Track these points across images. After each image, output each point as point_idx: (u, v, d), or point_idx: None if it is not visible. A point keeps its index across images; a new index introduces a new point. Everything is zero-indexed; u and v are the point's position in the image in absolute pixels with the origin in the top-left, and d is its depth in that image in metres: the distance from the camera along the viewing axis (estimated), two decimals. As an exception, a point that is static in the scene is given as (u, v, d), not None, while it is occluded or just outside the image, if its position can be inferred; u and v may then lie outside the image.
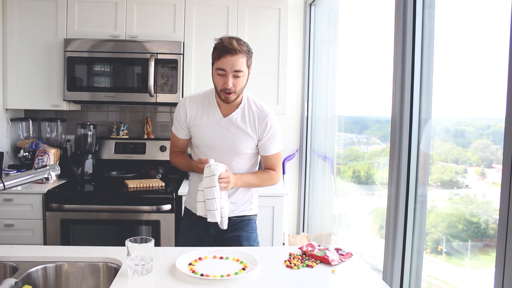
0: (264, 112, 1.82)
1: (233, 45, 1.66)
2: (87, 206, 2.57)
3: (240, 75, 1.70)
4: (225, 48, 1.67)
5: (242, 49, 1.68)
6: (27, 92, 2.91)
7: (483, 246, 1.70)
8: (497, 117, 1.55)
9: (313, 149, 3.44)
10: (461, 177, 1.83)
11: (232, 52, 1.66)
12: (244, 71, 1.72)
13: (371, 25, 2.73)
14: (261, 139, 1.82)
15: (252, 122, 1.80)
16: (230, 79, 1.68)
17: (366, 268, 1.47)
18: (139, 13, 2.91)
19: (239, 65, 1.68)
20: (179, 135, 1.89)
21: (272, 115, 1.84)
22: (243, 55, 1.69)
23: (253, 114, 1.81)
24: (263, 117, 1.81)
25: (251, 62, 1.76)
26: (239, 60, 1.68)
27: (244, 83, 1.75)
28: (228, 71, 1.68)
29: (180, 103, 1.87)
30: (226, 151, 1.79)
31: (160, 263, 1.41)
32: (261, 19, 2.97)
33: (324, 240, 3.20)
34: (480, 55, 1.68)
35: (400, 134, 1.86)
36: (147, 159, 3.09)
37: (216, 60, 1.71)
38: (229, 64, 1.67)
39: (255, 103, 1.84)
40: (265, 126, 1.80)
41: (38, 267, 1.42)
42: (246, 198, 1.89)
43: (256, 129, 1.80)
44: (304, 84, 3.42)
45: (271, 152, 1.85)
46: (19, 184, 1.38)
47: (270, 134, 1.82)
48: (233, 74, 1.68)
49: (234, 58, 1.66)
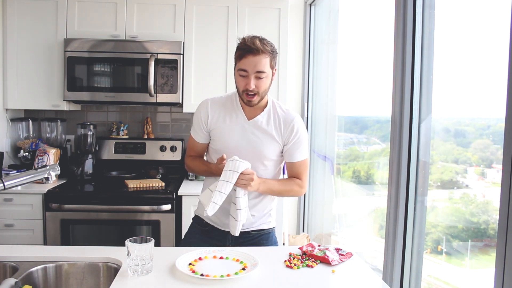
0: (290, 116, 1.74)
1: (255, 45, 1.59)
2: (87, 206, 2.57)
3: (263, 76, 1.62)
4: (247, 48, 1.59)
5: (265, 49, 1.60)
6: (27, 92, 2.91)
7: (483, 246, 1.70)
8: (497, 117, 1.55)
9: (313, 149, 3.44)
10: (461, 177, 1.83)
11: (254, 52, 1.58)
12: (268, 72, 1.63)
13: (371, 25, 2.73)
14: (287, 143, 1.73)
15: (278, 125, 1.72)
16: (252, 80, 1.60)
17: (366, 268, 1.47)
18: (139, 13, 2.91)
19: (262, 65, 1.60)
20: (198, 138, 1.80)
21: (299, 119, 1.76)
22: (266, 55, 1.61)
23: (279, 118, 1.73)
24: (289, 121, 1.73)
25: (275, 62, 1.67)
26: (262, 61, 1.60)
27: (267, 84, 1.67)
28: (250, 72, 1.60)
29: (201, 104, 1.78)
30: (250, 156, 1.68)
31: (160, 263, 1.41)
32: (261, 19, 2.97)
33: (324, 240, 3.20)
34: (480, 55, 1.68)
35: (400, 134, 1.86)
36: (147, 159, 3.09)
37: (238, 61, 1.63)
38: (251, 64, 1.59)
39: (281, 107, 1.77)
40: (292, 129, 1.72)
41: (38, 267, 1.42)
42: (266, 211, 1.81)
43: (282, 133, 1.72)
44: (304, 84, 3.42)
45: (297, 159, 1.75)
46: (19, 184, 1.38)
47: (297, 138, 1.73)
48: (255, 75, 1.61)
49: (256, 58, 1.59)
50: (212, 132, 1.76)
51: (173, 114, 3.32)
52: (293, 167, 1.77)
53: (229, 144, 1.71)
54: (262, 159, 1.71)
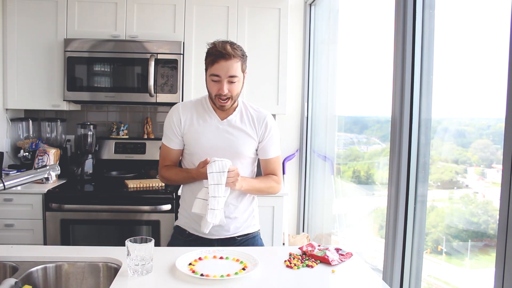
0: (262, 114, 1.79)
1: (226, 50, 1.60)
2: (87, 206, 2.57)
3: (235, 80, 1.64)
4: (218, 53, 1.61)
5: (237, 54, 1.62)
6: (27, 92, 2.91)
7: (483, 246, 1.70)
8: (497, 117, 1.55)
9: (313, 149, 3.44)
10: (461, 177, 1.83)
11: (226, 57, 1.60)
12: (239, 76, 1.66)
13: (371, 25, 2.73)
14: (262, 140, 1.77)
15: (252, 122, 1.76)
16: (225, 85, 1.63)
17: (366, 268, 1.47)
18: (139, 13, 2.91)
19: (234, 70, 1.62)
20: (172, 145, 1.78)
21: (270, 116, 1.81)
22: (237, 59, 1.63)
23: (251, 115, 1.77)
24: (262, 118, 1.77)
25: (246, 66, 1.70)
26: (234, 65, 1.62)
27: (239, 88, 1.70)
28: (223, 76, 1.62)
29: (171, 110, 1.79)
30: (227, 155, 1.68)
31: (160, 263, 1.41)
32: (261, 19, 2.97)
33: (324, 240, 3.20)
34: (480, 55, 1.68)
35: (400, 134, 1.86)
36: (147, 159, 3.09)
37: (210, 66, 1.65)
38: (224, 69, 1.61)
39: (251, 106, 1.81)
40: (265, 126, 1.77)
41: (38, 267, 1.42)
42: (248, 213, 1.80)
43: (256, 129, 1.76)
44: (304, 84, 3.42)
45: (272, 155, 1.80)
46: (19, 184, 1.38)
47: (271, 135, 1.78)
48: (228, 80, 1.63)
49: (228, 63, 1.61)
50: (185, 136, 1.75)
51: (173, 114, 3.32)
52: (268, 164, 1.81)
53: (204, 145, 1.71)
54: (239, 157, 1.73)
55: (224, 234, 1.75)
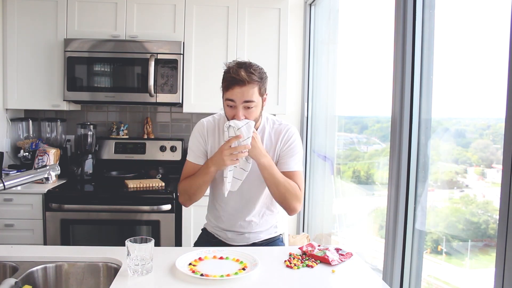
0: (285, 126, 1.71)
1: (241, 76, 1.50)
2: (87, 206, 2.57)
3: (252, 105, 1.54)
4: (232, 79, 1.51)
5: (252, 79, 1.52)
6: (27, 92, 2.91)
7: (483, 246, 1.70)
8: (497, 117, 1.55)
9: (313, 149, 3.44)
10: (461, 177, 1.82)
11: (240, 83, 1.50)
12: (257, 100, 1.55)
13: (371, 25, 2.73)
14: (282, 151, 1.69)
15: (271, 138, 1.69)
16: (240, 110, 1.53)
17: (366, 268, 1.47)
18: (139, 13, 2.91)
19: (250, 95, 1.52)
20: (200, 161, 1.71)
21: (294, 129, 1.72)
22: (254, 84, 1.52)
23: (273, 131, 1.69)
24: (283, 129, 1.70)
25: (265, 88, 1.59)
26: (250, 91, 1.52)
27: (258, 112, 1.59)
28: (238, 102, 1.53)
29: (197, 130, 1.73)
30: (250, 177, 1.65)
31: (160, 263, 1.41)
32: (261, 19, 2.97)
33: (324, 240, 3.19)
34: (480, 55, 1.68)
35: (400, 134, 1.86)
36: (147, 159, 3.09)
37: (225, 91, 1.56)
38: (239, 95, 1.52)
39: (274, 122, 1.72)
40: (287, 137, 1.67)
41: (38, 267, 1.42)
42: (271, 223, 1.81)
43: (274, 145, 1.68)
44: (304, 84, 3.41)
45: (292, 168, 1.67)
46: (19, 184, 1.38)
47: (293, 146, 1.68)
48: (243, 105, 1.53)
49: (243, 89, 1.51)
50: (208, 154, 1.73)
51: (173, 114, 3.32)
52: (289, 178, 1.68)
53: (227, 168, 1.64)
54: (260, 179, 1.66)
55: (246, 241, 1.78)
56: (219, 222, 1.80)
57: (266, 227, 1.81)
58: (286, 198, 1.65)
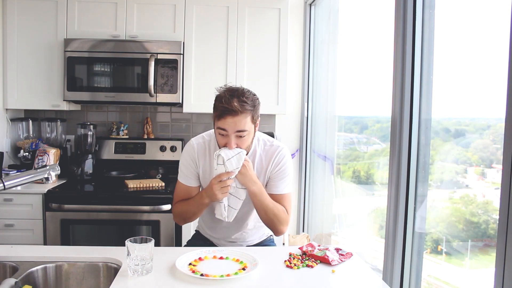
0: (276, 147, 1.70)
1: (233, 106, 1.47)
2: (87, 206, 2.57)
3: (245, 134, 1.53)
4: (224, 109, 1.49)
5: (245, 109, 1.50)
6: (27, 92, 2.91)
7: (483, 246, 1.70)
8: (497, 117, 1.55)
9: (313, 149, 3.44)
10: (461, 177, 1.82)
11: (232, 113, 1.48)
12: (249, 129, 1.55)
13: (371, 25, 2.73)
14: (272, 174, 1.68)
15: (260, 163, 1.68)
16: (233, 139, 1.52)
17: (366, 268, 1.47)
18: (139, 13, 2.91)
19: (242, 125, 1.51)
20: (192, 183, 1.72)
21: (285, 150, 1.70)
22: (246, 114, 1.50)
23: (263, 154, 1.69)
24: (275, 152, 1.69)
25: (258, 115, 1.58)
26: (242, 121, 1.50)
27: (249, 140, 1.59)
28: (230, 131, 1.52)
29: (186, 151, 1.72)
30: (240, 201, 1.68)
31: (160, 263, 1.41)
32: (261, 19, 2.97)
33: (324, 240, 3.19)
34: (480, 55, 1.68)
35: (400, 134, 1.86)
36: (147, 159, 3.09)
37: (217, 120, 1.54)
38: (231, 125, 1.50)
39: (265, 143, 1.71)
40: (277, 160, 1.67)
41: (38, 267, 1.42)
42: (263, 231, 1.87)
43: (265, 168, 1.68)
44: (304, 84, 3.41)
45: (282, 191, 1.69)
46: (19, 184, 1.38)
47: (283, 169, 1.68)
48: (236, 134, 1.52)
49: (236, 119, 1.49)
50: (201, 177, 1.74)
51: (173, 114, 3.32)
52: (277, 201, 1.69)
53: None
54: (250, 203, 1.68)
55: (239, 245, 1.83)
56: (212, 232, 1.85)
57: (258, 234, 1.87)
58: (274, 222, 1.68)
